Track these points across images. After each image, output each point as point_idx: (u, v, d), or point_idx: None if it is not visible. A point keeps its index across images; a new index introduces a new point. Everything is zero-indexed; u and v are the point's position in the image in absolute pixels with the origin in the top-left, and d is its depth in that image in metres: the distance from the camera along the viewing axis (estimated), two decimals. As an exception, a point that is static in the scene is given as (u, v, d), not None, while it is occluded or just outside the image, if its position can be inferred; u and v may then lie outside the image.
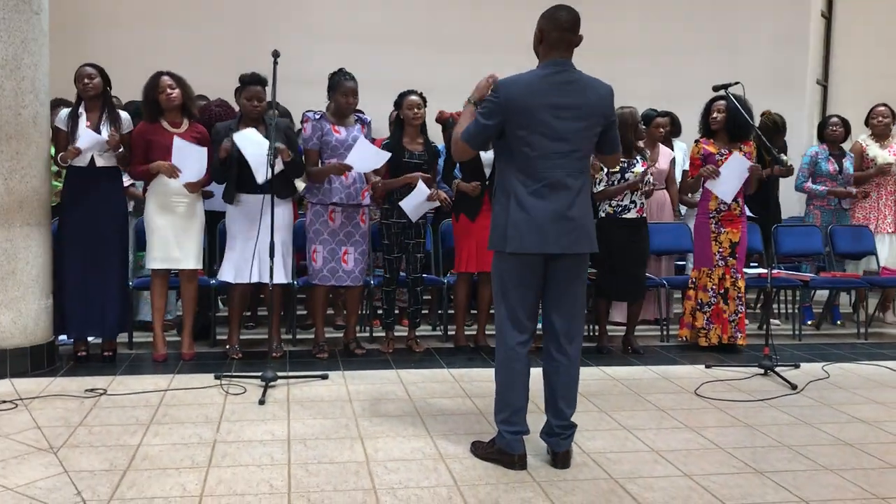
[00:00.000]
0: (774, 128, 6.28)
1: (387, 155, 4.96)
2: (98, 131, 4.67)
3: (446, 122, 5.59)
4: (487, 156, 5.02)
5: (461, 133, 3.24)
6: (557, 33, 3.13)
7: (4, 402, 3.92)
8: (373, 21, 8.22)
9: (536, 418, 3.33)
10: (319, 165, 4.97)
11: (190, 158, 4.73)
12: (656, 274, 6.07)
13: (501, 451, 3.21)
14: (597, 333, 5.60)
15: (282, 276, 4.88)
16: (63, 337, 4.96)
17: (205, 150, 4.77)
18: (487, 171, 5.15)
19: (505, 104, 3.10)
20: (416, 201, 5.03)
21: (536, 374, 3.27)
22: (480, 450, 3.31)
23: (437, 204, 5.17)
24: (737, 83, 4.83)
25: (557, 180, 3.10)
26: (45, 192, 4.66)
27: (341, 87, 4.94)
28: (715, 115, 5.41)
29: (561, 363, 3.23)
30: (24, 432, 3.51)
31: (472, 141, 3.22)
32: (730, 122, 5.30)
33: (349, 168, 4.86)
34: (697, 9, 9.01)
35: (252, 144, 4.63)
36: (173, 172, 4.73)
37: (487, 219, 5.07)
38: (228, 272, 4.93)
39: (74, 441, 3.41)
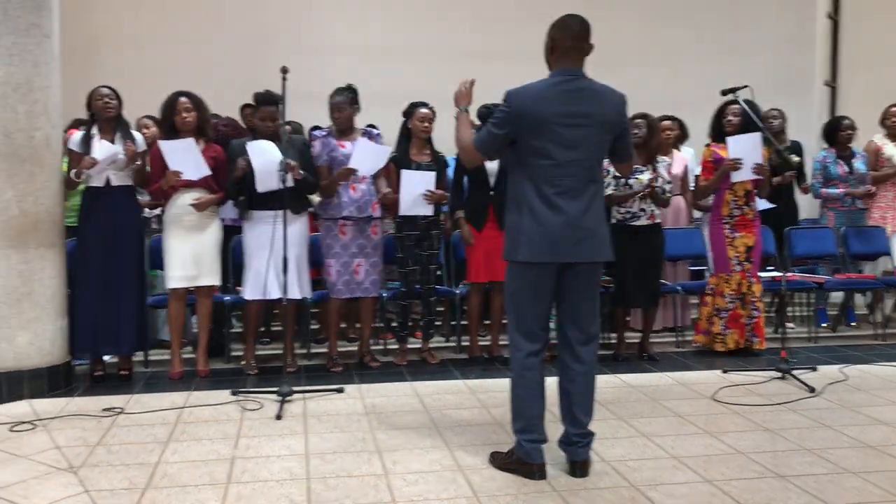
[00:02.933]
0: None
1: (388, 149, 4.99)
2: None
3: None
4: (492, 165, 5.04)
5: (474, 141, 3.24)
6: (570, 42, 3.14)
7: (23, 423, 3.94)
8: (378, 35, 8.28)
9: (555, 427, 3.31)
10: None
11: (181, 154, 4.73)
12: (671, 279, 6.06)
13: (520, 461, 3.20)
14: (613, 341, 5.57)
15: (296, 292, 4.90)
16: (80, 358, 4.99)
17: (191, 140, 4.76)
18: (492, 181, 5.15)
19: (517, 113, 3.10)
20: (414, 190, 4.99)
21: (553, 382, 3.26)
22: (499, 460, 3.30)
23: (430, 211, 5.11)
24: (745, 86, 4.83)
25: (570, 188, 3.10)
26: (59, 213, 4.69)
27: (330, 104, 5.00)
28: (730, 118, 5.39)
29: (577, 371, 3.22)
30: (44, 452, 3.52)
31: (485, 149, 3.24)
32: (742, 127, 5.29)
33: (353, 171, 4.87)
34: (700, 13, 9.02)
35: (263, 154, 4.66)
36: (175, 176, 4.74)
37: (493, 228, 5.15)
38: (247, 288, 4.95)
39: (94, 460, 3.42)
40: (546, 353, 3.24)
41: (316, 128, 5.75)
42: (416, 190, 4.99)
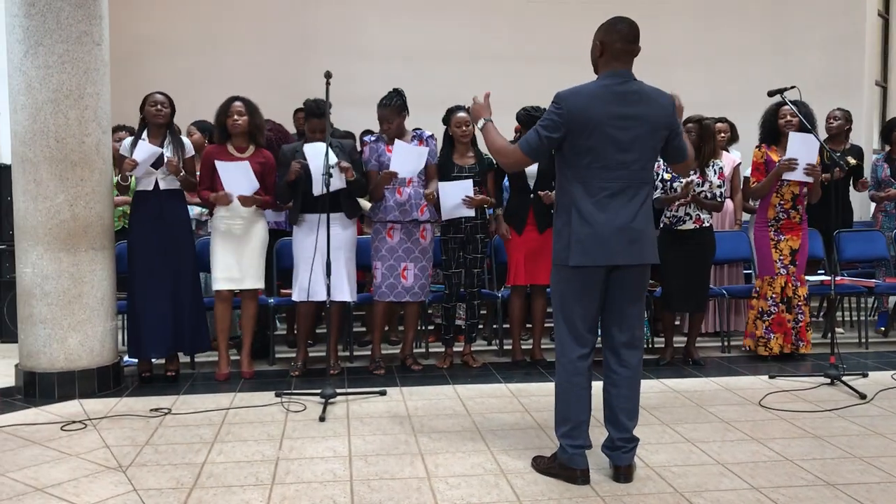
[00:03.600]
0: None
1: (424, 150, 4.98)
2: (161, 157, 4.79)
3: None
4: (531, 168, 5.02)
5: (520, 145, 3.22)
6: (620, 44, 3.12)
7: (74, 422, 4.03)
8: (420, 39, 8.32)
9: (599, 432, 3.29)
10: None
11: (235, 174, 4.82)
12: (718, 283, 5.97)
13: (563, 466, 3.18)
14: (660, 345, 5.50)
15: (345, 294, 4.93)
16: (128, 358, 5.09)
17: (246, 163, 4.85)
18: (532, 183, 5.14)
19: (568, 116, 3.09)
20: (454, 198, 4.99)
21: (597, 387, 3.23)
22: (542, 464, 3.29)
23: (471, 212, 5.11)
24: (793, 87, 4.74)
25: (621, 191, 3.09)
26: (109, 217, 4.79)
27: (378, 115, 5.04)
28: (788, 118, 5.29)
29: (622, 375, 3.19)
30: (94, 451, 3.60)
31: (534, 154, 3.21)
32: (800, 127, 5.19)
33: (394, 174, 4.90)
34: (748, 13, 8.89)
35: (320, 157, 4.71)
36: (225, 199, 4.85)
37: (534, 231, 5.14)
38: (297, 291, 5.01)
39: (142, 460, 3.48)
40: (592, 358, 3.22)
41: (367, 132, 5.81)
42: (455, 199, 5.00)
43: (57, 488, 3.14)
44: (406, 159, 4.90)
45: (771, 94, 4.87)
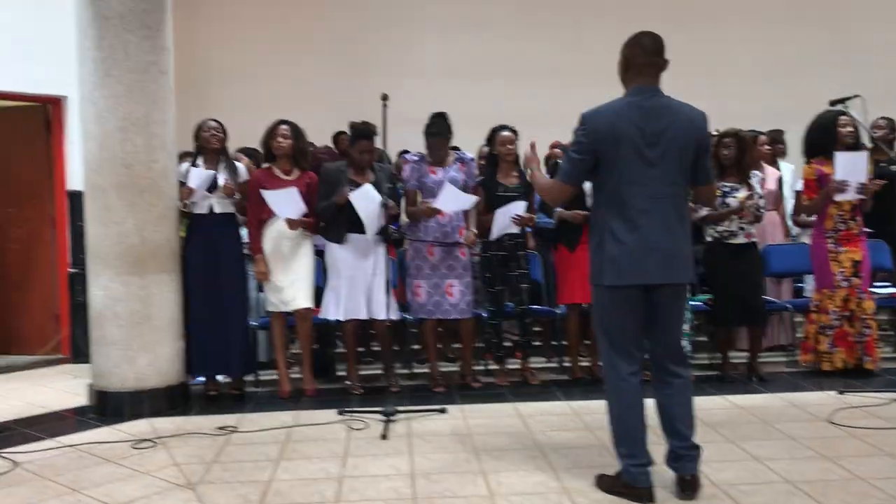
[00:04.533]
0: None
1: (473, 199, 5.03)
2: (215, 181, 4.92)
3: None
4: (588, 185, 5.00)
5: (559, 176, 3.26)
6: (644, 58, 3.12)
7: (144, 440, 4.15)
8: (469, 56, 8.39)
9: (659, 450, 3.25)
10: (417, 205, 5.13)
11: (284, 198, 4.90)
12: (776, 297, 5.85)
13: (627, 485, 3.15)
14: (718, 361, 5.41)
15: (389, 312, 4.97)
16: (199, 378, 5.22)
17: (294, 188, 4.92)
18: (589, 201, 5.11)
19: (593, 136, 3.09)
20: (505, 220, 5.04)
21: (650, 403, 3.20)
22: (606, 483, 3.26)
23: (516, 229, 5.14)
24: (856, 96, 4.64)
25: (651, 208, 3.06)
26: (175, 240, 4.93)
27: (426, 142, 5.10)
28: (849, 128, 5.17)
29: (675, 385, 3.18)
30: (164, 469, 3.69)
31: (571, 180, 3.24)
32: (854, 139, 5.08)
33: (438, 212, 4.95)
34: (806, 21, 8.73)
35: (367, 202, 4.84)
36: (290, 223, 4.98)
37: (587, 249, 5.09)
38: (331, 309, 5.07)
39: (210, 477, 3.56)
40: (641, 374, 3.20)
41: (405, 152, 5.87)
42: (506, 220, 5.05)
43: (130, 505, 3.24)
44: (453, 201, 4.94)
45: (833, 103, 4.78)
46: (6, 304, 6.76)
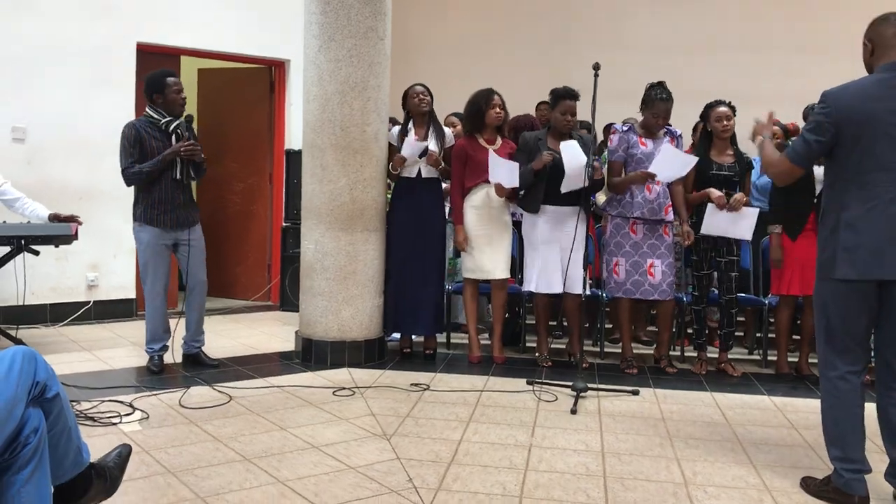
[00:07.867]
0: None
1: (694, 159, 4.79)
2: (426, 149, 5.03)
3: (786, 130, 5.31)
4: (819, 170, 4.63)
5: (788, 154, 3.03)
6: (894, 35, 2.82)
7: (344, 388, 4.37)
8: (685, 30, 8.00)
9: (879, 459, 2.97)
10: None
11: (504, 168, 4.89)
12: None
13: (839, 491, 2.91)
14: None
15: (580, 287, 4.87)
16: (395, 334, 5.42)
17: (516, 164, 4.90)
18: (818, 188, 4.74)
19: (836, 116, 2.84)
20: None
21: (871, 408, 2.93)
22: (814, 487, 3.03)
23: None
24: None
25: None
26: (382, 201, 5.12)
27: (653, 106, 4.86)
28: None
29: None
30: (361, 418, 3.87)
31: (802, 161, 3.01)
32: None
33: (652, 176, 4.75)
34: None
35: (575, 157, 4.70)
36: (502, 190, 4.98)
37: (810, 237, 4.73)
38: (533, 282, 5.04)
39: (403, 431, 3.68)
40: (865, 376, 2.94)
41: (611, 124, 5.71)
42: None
43: (331, 448, 3.42)
44: (670, 164, 4.73)
45: None
46: (227, 252, 7.36)
